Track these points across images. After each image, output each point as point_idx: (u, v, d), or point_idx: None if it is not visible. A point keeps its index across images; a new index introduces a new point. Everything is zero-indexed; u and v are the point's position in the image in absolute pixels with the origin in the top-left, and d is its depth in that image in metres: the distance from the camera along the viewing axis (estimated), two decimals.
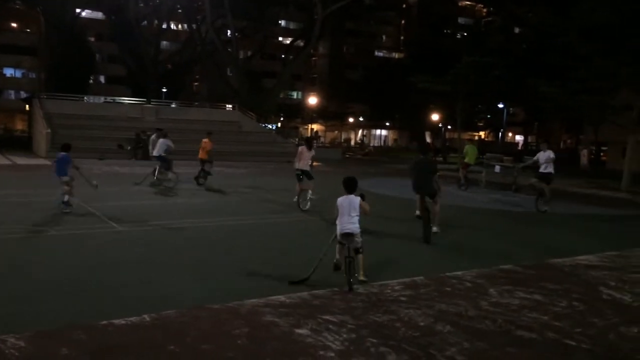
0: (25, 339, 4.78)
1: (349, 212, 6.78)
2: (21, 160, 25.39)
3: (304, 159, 13.55)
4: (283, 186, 17.61)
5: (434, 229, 10.41)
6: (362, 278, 6.91)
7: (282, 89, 51.93)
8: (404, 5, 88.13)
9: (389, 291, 6.73)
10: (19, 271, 7.15)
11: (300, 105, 76.04)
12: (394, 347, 4.96)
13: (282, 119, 72.65)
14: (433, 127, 61.78)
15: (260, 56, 59.10)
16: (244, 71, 46.72)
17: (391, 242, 9.94)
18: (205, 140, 17.76)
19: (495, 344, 5.20)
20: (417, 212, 11.18)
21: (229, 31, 46.83)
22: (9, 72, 64.16)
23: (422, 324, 5.63)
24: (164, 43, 54.37)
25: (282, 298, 6.21)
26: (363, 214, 6.93)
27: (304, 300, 6.19)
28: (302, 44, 54.35)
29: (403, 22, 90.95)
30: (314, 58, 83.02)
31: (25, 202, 12.70)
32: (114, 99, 41.10)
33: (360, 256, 6.91)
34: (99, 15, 54.91)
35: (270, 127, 52.72)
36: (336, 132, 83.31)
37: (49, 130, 28.26)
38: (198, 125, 34.39)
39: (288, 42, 66.78)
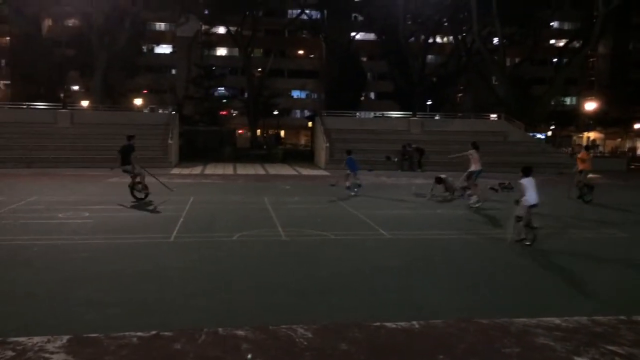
0: (312, 331, 5.40)
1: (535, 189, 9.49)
2: (305, 171, 28.78)
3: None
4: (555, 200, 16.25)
5: None
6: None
7: (553, 95, 48.17)
8: None
9: None
10: (304, 269, 8.11)
11: (575, 111, 69.31)
12: None
13: (553, 127, 67.30)
14: None
15: (529, 62, 55.92)
16: (511, 79, 44.75)
17: None
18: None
19: None
20: None
21: (495, 39, 45.53)
22: (295, 94, 73.52)
23: None
24: (430, 57, 55.65)
25: (556, 320, 5.75)
26: None
27: (583, 326, 5.62)
28: (578, 44, 49.62)
29: None
30: (592, 59, 74.88)
31: (306, 208, 14.36)
32: (382, 114, 43.71)
33: None
34: (371, 36, 59.09)
35: (540, 136, 49.23)
36: (619, 140, 73.53)
37: (327, 144, 31.46)
38: (462, 137, 34.24)
39: (561, 44, 61.69)
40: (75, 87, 57.34)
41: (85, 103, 43.37)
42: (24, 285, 6.89)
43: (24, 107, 34.62)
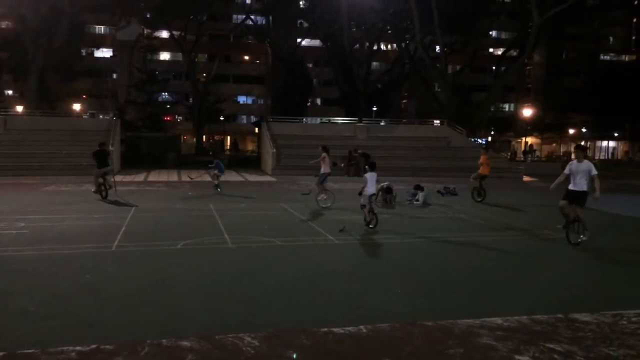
0: (259, 339, 5.33)
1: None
2: (251, 177, 28.57)
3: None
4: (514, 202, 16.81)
5: None
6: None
7: (492, 102, 49.96)
8: (636, 2, 78.07)
9: (624, 322, 5.96)
10: (251, 276, 8.03)
11: (513, 117, 72.15)
12: None
13: (492, 132, 69.75)
14: None
15: (469, 70, 57.81)
16: (453, 86, 46.12)
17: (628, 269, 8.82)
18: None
19: None
20: None
21: (437, 47, 46.81)
22: (242, 99, 73.06)
23: None
24: (374, 64, 56.59)
25: (498, 320, 5.93)
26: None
27: (524, 325, 5.81)
28: (515, 53, 51.70)
29: (635, 20, 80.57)
30: (528, 67, 78.17)
31: (253, 215, 14.26)
32: (329, 120, 44.02)
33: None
34: (316, 42, 59.52)
35: (481, 141, 50.92)
36: (554, 145, 77.02)
37: (274, 150, 31.36)
38: (406, 142, 34.93)
39: (499, 52, 64.13)
40: (9, 92, 54.81)
41: (19, 108, 41.47)
42: None
43: None
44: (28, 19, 36.93)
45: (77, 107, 54.47)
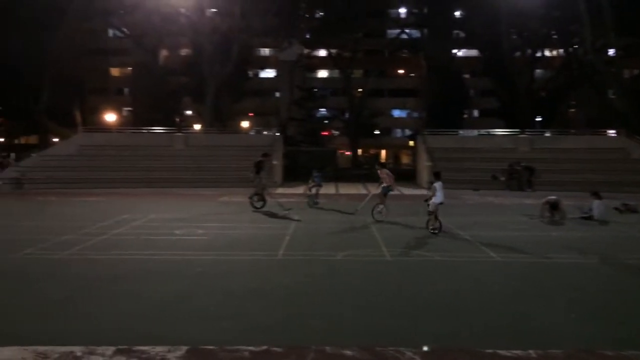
0: (420, 355, 5.29)
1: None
2: (407, 191, 28.44)
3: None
4: None
5: None
6: None
7: None
8: None
9: None
10: (400, 290, 7.99)
11: None
12: None
13: None
14: None
15: None
16: (631, 92, 41.55)
17: None
18: None
19: None
20: None
21: (610, 50, 42.66)
22: (396, 113, 73.18)
23: None
24: (537, 71, 53.27)
25: None
26: None
27: None
28: None
29: None
30: None
31: (410, 228, 14.16)
32: (487, 132, 42.26)
33: None
34: (473, 52, 57.77)
35: None
36: None
37: (430, 164, 30.93)
38: (576, 154, 32.23)
39: None
40: (189, 112, 61.24)
41: (197, 126, 46.14)
42: (144, 297, 7.40)
43: (144, 131, 37.54)
44: (204, 47, 41.02)
45: (245, 124, 59.06)
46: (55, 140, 41.99)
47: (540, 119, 47.42)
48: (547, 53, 56.49)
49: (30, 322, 6.33)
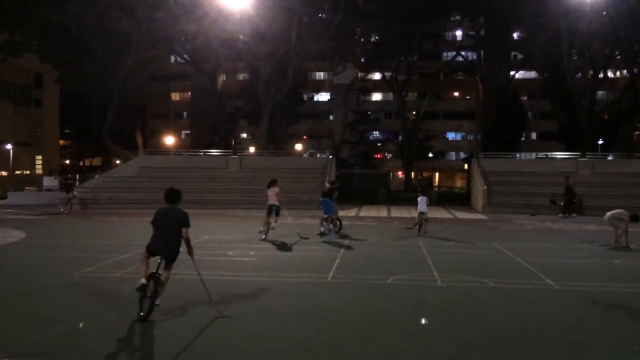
0: None
1: None
2: (461, 215, 27.90)
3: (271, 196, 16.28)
4: None
5: None
6: None
7: None
8: None
9: None
10: (462, 317, 7.80)
11: None
12: None
13: None
14: None
15: None
16: None
17: None
18: None
19: None
20: None
21: None
22: (450, 135, 72.31)
23: None
24: (600, 93, 51.45)
25: None
26: None
27: None
28: None
29: None
30: None
31: (463, 253, 13.86)
32: (546, 155, 41.02)
33: None
34: (531, 74, 56.53)
35: None
36: None
37: (485, 187, 30.26)
38: None
39: None
40: (244, 135, 62.63)
41: (252, 149, 47.10)
42: (192, 317, 7.57)
43: (201, 153, 38.66)
44: (261, 71, 42.04)
45: (298, 147, 59.82)
46: (117, 162, 43.84)
47: (602, 142, 45.61)
48: (610, 74, 54.61)
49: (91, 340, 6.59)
